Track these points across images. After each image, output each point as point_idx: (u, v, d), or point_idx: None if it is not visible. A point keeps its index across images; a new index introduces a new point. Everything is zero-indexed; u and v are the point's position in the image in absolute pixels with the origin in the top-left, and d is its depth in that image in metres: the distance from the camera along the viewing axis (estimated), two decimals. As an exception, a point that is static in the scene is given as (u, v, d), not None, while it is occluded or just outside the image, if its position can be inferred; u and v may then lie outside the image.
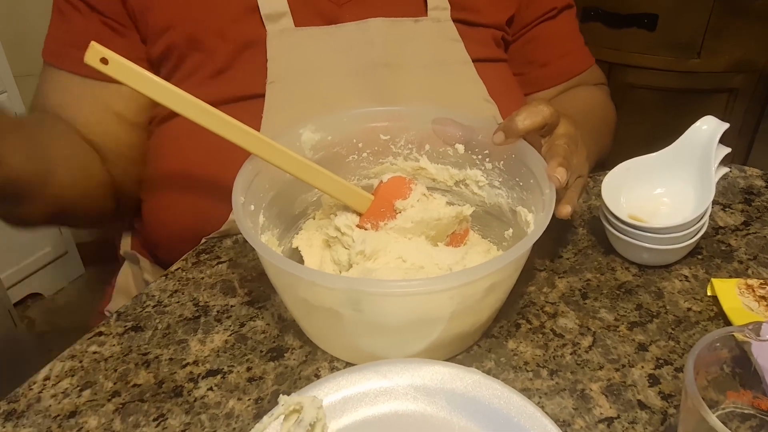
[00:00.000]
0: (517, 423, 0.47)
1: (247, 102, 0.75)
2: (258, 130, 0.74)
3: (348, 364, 0.58)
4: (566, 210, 0.60)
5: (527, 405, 0.48)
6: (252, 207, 0.60)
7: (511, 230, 0.66)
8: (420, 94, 0.79)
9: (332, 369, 0.58)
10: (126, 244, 0.91)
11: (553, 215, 0.56)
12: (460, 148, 0.67)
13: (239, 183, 0.58)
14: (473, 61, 0.83)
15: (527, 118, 0.60)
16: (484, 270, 0.50)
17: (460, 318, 0.54)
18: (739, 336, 0.47)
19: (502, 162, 0.65)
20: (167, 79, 0.64)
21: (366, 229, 0.64)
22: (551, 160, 0.58)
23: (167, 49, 0.77)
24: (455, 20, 0.82)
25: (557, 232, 0.75)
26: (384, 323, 0.53)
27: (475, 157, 0.67)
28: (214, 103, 0.59)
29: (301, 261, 0.64)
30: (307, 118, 0.66)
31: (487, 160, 0.66)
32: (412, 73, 0.80)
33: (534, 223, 0.60)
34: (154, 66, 0.79)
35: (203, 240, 0.74)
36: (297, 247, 0.65)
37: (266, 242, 0.61)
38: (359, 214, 0.65)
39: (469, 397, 0.50)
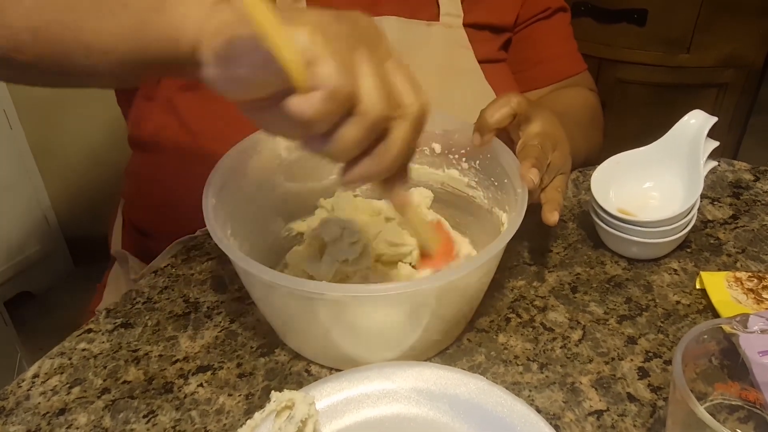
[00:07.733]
0: None
1: None
2: None
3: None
4: (554, 217, 0.60)
5: (530, 413, 0.48)
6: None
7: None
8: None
9: (322, 366, 0.58)
10: (117, 243, 0.90)
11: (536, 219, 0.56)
12: (437, 147, 0.67)
13: (211, 184, 0.57)
14: (479, 63, 0.83)
15: (495, 111, 0.60)
16: (455, 273, 0.50)
17: (435, 320, 0.54)
18: (727, 328, 0.47)
19: (477, 162, 0.65)
20: None
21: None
22: (524, 160, 0.58)
23: None
24: (467, 25, 0.83)
25: (546, 226, 0.75)
26: (363, 326, 0.53)
27: (452, 156, 0.67)
28: None
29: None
30: None
31: (464, 159, 0.66)
32: (420, 75, 0.80)
33: (507, 223, 0.59)
34: None
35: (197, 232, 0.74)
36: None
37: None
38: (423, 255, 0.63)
39: (472, 403, 0.49)
